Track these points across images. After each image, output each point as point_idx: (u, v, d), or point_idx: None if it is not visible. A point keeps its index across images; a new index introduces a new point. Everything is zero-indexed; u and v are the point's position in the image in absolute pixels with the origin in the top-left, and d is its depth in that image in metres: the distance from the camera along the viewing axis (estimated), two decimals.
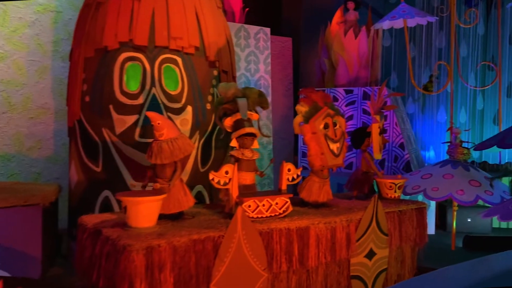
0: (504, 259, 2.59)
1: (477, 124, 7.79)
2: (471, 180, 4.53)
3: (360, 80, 6.59)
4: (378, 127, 4.22)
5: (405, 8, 5.93)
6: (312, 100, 3.86)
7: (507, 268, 2.51)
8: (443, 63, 6.34)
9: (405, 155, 6.04)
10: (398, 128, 6.12)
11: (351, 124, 6.29)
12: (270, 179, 6.75)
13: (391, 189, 4.29)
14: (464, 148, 4.84)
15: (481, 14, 7.77)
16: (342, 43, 6.61)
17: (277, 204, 3.43)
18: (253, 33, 6.50)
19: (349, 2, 6.66)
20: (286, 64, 7.23)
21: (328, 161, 3.85)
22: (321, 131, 3.81)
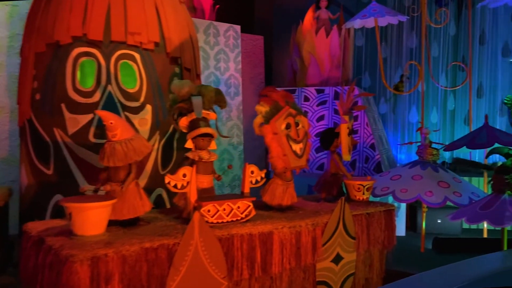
0: (473, 266, 2.50)
1: (448, 124, 7.81)
2: (440, 181, 4.47)
3: (331, 79, 6.49)
4: (347, 127, 4.11)
5: (376, 7, 5.85)
6: (273, 100, 3.71)
7: (476, 275, 2.42)
8: (414, 63, 6.29)
9: (376, 155, 5.97)
10: (369, 128, 6.05)
11: (322, 124, 6.19)
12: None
13: (359, 191, 4.19)
14: (433, 149, 4.78)
15: (452, 14, 7.80)
16: (313, 42, 6.51)
17: (239, 208, 3.27)
18: (223, 30, 6.33)
19: (322, 0, 6.56)
20: (257, 63, 7.09)
21: (291, 162, 3.71)
22: (282, 132, 3.67)
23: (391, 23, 6.33)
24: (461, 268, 2.36)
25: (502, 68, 7.35)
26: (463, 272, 2.33)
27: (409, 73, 6.24)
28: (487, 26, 7.51)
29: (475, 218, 3.36)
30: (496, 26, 7.55)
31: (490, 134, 5.17)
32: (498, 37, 7.49)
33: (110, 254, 2.52)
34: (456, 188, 4.42)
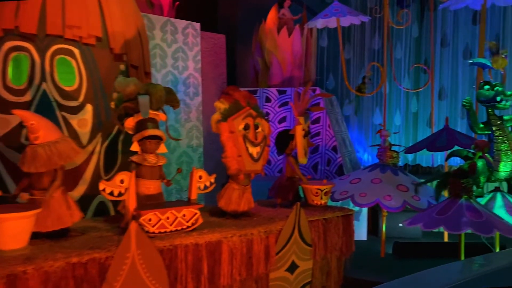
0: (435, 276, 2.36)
1: (412, 127, 7.81)
2: (399, 185, 4.38)
3: (294, 80, 6.35)
4: (302, 129, 3.95)
5: (338, 6, 5.75)
6: (234, 98, 3.52)
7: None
8: (376, 64, 6.22)
9: (338, 158, 5.85)
10: (331, 130, 5.93)
11: (284, 126, 6.02)
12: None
13: (317, 196, 4.03)
14: (393, 152, 4.69)
15: (415, 16, 7.81)
16: (275, 42, 6.35)
17: (184, 217, 3.03)
18: (181, 28, 6.06)
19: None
20: (219, 63, 6.85)
21: (245, 165, 3.52)
22: (240, 132, 3.49)
23: (353, 23, 6.25)
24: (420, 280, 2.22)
25: (463, 71, 7.40)
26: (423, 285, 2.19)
27: (371, 75, 6.17)
28: (448, 29, 7.54)
29: (431, 224, 3.25)
30: (457, 29, 7.60)
31: (450, 137, 5.16)
32: (460, 39, 7.55)
33: (30, 271, 2.24)
34: (413, 191, 4.33)
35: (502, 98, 4.13)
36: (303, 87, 6.28)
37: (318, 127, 5.94)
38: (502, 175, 4.33)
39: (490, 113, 4.32)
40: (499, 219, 3.38)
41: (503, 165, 4.28)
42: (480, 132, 4.39)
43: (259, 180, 5.54)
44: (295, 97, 3.98)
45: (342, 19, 6.13)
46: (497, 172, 4.31)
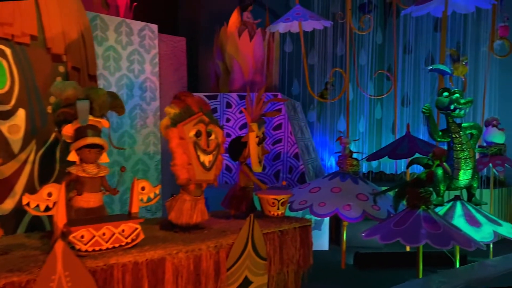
0: None
1: (376, 133, 7.77)
2: (359, 194, 4.25)
3: (255, 85, 6.17)
4: (255, 136, 3.76)
5: (300, 10, 5.62)
6: (186, 104, 3.31)
7: None
8: (339, 70, 6.12)
9: (300, 165, 5.70)
10: (293, 137, 5.77)
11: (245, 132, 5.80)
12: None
13: (273, 206, 3.84)
14: (353, 159, 4.56)
15: (378, 23, 7.80)
16: (236, 46, 6.16)
17: (123, 232, 2.77)
18: (137, 29, 5.80)
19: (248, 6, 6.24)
20: (179, 66, 6.61)
21: (196, 174, 3.29)
22: (190, 139, 3.27)
23: (316, 28, 6.13)
24: None
25: (425, 78, 7.43)
26: None
27: (333, 80, 6.06)
28: (411, 36, 7.56)
29: (388, 236, 3.11)
30: (420, 36, 7.63)
31: (411, 144, 5.09)
32: (422, 46, 7.58)
33: None
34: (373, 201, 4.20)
35: (456, 107, 4.07)
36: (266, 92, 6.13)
37: (279, 133, 5.78)
38: (462, 183, 4.27)
39: (449, 120, 4.25)
40: (457, 230, 3.28)
41: (462, 173, 4.22)
42: (439, 140, 4.32)
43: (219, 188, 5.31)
44: (247, 102, 3.79)
45: (304, 24, 6.02)
46: (457, 180, 4.24)
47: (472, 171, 4.24)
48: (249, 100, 3.84)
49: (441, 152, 3.51)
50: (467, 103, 4.09)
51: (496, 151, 4.76)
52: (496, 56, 6.22)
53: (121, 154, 5.61)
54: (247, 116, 3.79)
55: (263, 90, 3.94)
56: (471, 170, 4.22)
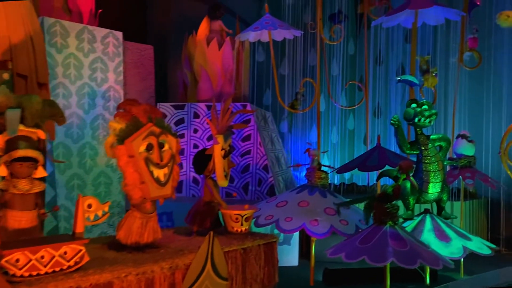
0: None
1: (348, 144, 7.69)
2: (327, 208, 4.10)
3: (224, 95, 6.00)
4: (221, 149, 3.58)
5: (269, 19, 5.50)
6: (132, 115, 3.09)
7: None
8: (310, 80, 6.02)
9: (269, 178, 5.54)
10: (263, 148, 5.61)
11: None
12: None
13: (237, 222, 3.66)
14: (322, 172, 4.42)
15: (350, 33, 7.77)
16: (205, 54, 6.00)
17: (65, 255, 2.54)
18: (100, 36, 5.56)
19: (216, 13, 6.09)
20: (146, 75, 6.39)
21: (150, 191, 3.09)
22: (141, 154, 3.05)
23: (286, 37, 6.02)
24: None
25: (396, 89, 7.41)
26: None
27: (304, 90, 5.94)
28: (383, 47, 7.55)
29: (354, 254, 2.96)
30: (391, 47, 7.62)
31: (381, 156, 4.98)
32: (393, 57, 7.57)
33: None
34: (343, 215, 4.07)
35: (420, 119, 3.99)
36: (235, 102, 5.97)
37: (248, 145, 5.61)
38: (431, 197, 4.19)
39: (418, 132, 4.17)
40: (424, 248, 3.16)
41: (432, 186, 4.13)
42: (408, 152, 4.23)
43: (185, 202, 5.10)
44: (212, 113, 3.61)
45: (275, 33, 5.89)
46: (426, 194, 4.15)
47: (442, 184, 4.15)
48: (215, 111, 3.67)
49: (407, 165, 3.41)
50: (431, 115, 4.01)
51: (466, 163, 4.70)
52: (466, 67, 6.23)
53: (82, 166, 5.33)
54: (212, 128, 3.62)
55: (230, 101, 3.78)
56: (441, 183, 4.13)
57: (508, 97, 6.58)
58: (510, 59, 6.64)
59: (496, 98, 6.70)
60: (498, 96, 6.67)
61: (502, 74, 6.73)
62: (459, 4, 6.30)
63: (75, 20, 5.71)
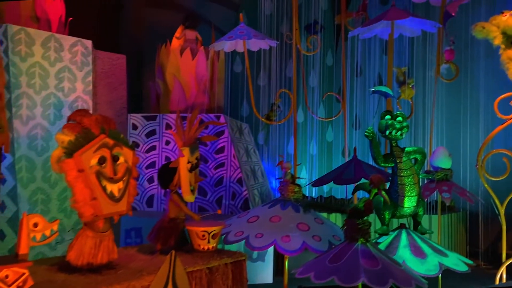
0: None
1: (327, 157, 7.57)
2: (299, 223, 3.93)
3: (198, 106, 5.82)
4: (187, 161, 3.41)
5: (244, 29, 5.37)
6: (82, 126, 2.89)
7: None
8: (286, 91, 5.89)
9: (244, 191, 5.36)
10: (237, 161, 5.44)
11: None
12: None
13: (203, 239, 3.48)
14: (295, 185, 4.25)
15: (328, 45, 7.71)
16: (178, 64, 5.84)
17: (6, 279, 2.32)
18: (68, 45, 5.37)
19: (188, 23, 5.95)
20: (117, 85, 6.20)
21: (103, 208, 2.89)
22: (92, 168, 2.86)
23: (262, 48, 5.90)
24: None
25: (374, 100, 7.34)
26: None
27: (280, 101, 5.81)
28: (362, 58, 7.51)
29: (323, 273, 2.80)
30: (370, 58, 7.58)
31: (357, 169, 4.85)
32: (372, 69, 7.52)
33: None
34: (316, 231, 3.90)
35: (391, 131, 3.88)
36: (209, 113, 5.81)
37: (222, 157, 5.44)
38: (407, 211, 4.05)
39: (393, 144, 4.05)
40: (396, 266, 3.01)
41: (407, 200, 3.99)
42: (382, 165, 4.11)
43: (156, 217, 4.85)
44: (177, 124, 3.44)
45: (251, 43, 5.77)
46: (402, 208, 4.02)
47: (417, 197, 4.03)
48: (180, 122, 3.50)
49: (378, 179, 3.28)
50: (402, 128, 3.90)
51: (443, 176, 4.58)
52: (443, 79, 6.19)
53: (46, 180, 5.09)
54: (177, 140, 3.45)
55: (197, 112, 3.61)
56: (416, 197, 4.01)
57: (485, 109, 6.56)
58: (486, 71, 6.65)
59: (473, 110, 6.68)
60: (475, 108, 6.65)
61: (479, 86, 6.72)
62: (436, 16, 6.29)
63: (44, 28, 5.51)
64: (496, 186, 5.08)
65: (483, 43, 6.58)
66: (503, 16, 4.66)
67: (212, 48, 5.60)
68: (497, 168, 5.05)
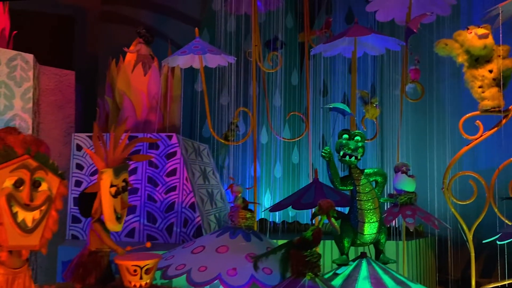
0: None
1: (292, 179, 7.23)
2: (249, 254, 3.53)
3: (150, 125, 5.44)
4: (109, 185, 3.00)
5: (198, 43, 5.08)
6: (4, 144, 2.53)
7: None
8: (245, 109, 5.58)
9: (197, 218, 4.93)
10: (189, 184, 5.03)
11: (133, 179, 4.99)
12: None
13: (135, 275, 3.03)
14: (247, 211, 3.86)
15: (293, 64, 7.50)
16: (128, 80, 5.46)
17: None
18: (6, 58, 4.94)
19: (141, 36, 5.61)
20: (64, 103, 5.75)
21: (9, 238, 2.47)
22: (3, 190, 2.48)
23: (221, 64, 5.61)
24: None
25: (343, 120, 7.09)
26: None
27: (238, 121, 5.48)
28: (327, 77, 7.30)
29: None
30: (335, 78, 7.38)
31: (317, 192, 4.52)
32: (337, 89, 7.31)
33: None
34: (267, 262, 3.49)
35: (345, 153, 3.57)
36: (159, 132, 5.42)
37: (174, 180, 5.02)
38: (368, 238, 3.71)
39: (352, 166, 3.73)
40: None
41: (368, 227, 3.66)
42: (340, 188, 3.78)
43: None
44: (95, 143, 3.05)
45: (208, 60, 5.49)
46: (362, 235, 3.68)
47: (378, 224, 3.69)
48: (100, 141, 3.10)
49: (327, 205, 2.93)
50: (356, 149, 3.59)
51: (406, 200, 4.28)
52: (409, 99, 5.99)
53: None
54: (95, 160, 3.04)
55: (123, 128, 3.23)
56: (377, 223, 3.67)
57: (452, 130, 6.37)
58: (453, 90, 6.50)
59: (440, 130, 6.49)
60: (442, 128, 6.46)
61: (445, 106, 6.56)
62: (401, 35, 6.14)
63: None
64: (465, 210, 4.81)
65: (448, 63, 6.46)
66: (468, 32, 4.47)
67: (166, 63, 5.27)
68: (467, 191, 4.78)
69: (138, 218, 4.95)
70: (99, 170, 3.02)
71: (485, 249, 5.45)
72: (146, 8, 7.25)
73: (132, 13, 7.15)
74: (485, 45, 4.19)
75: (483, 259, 6.43)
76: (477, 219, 4.50)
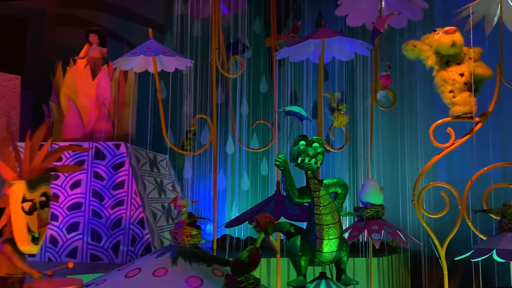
0: None
1: (261, 192, 6.83)
2: (190, 277, 3.09)
3: (98, 133, 5.00)
4: (20, 199, 2.55)
5: (151, 45, 4.69)
6: None
7: None
8: (204, 117, 5.18)
9: (146, 235, 4.47)
10: (138, 198, 4.58)
11: (78, 193, 4.53)
12: None
13: None
14: (192, 228, 3.43)
15: (262, 70, 7.17)
16: (74, 85, 5.03)
17: None
18: None
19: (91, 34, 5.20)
20: (8, 109, 5.29)
21: None
22: None
23: (179, 68, 5.23)
24: None
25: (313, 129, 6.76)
26: None
27: (195, 129, 5.08)
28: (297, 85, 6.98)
29: None
30: (306, 85, 7.06)
31: (278, 206, 4.14)
32: (308, 96, 6.99)
33: None
34: (212, 285, 3.07)
35: (303, 159, 3.20)
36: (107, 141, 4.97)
37: (121, 193, 4.57)
38: (327, 257, 3.30)
39: (309, 175, 3.34)
40: None
41: (327, 244, 3.25)
42: (297, 201, 3.38)
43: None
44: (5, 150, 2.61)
45: (165, 63, 5.10)
46: (321, 254, 3.27)
47: (339, 240, 3.30)
48: (9, 148, 2.66)
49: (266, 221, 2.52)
50: (316, 155, 3.22)
51: (373, 213, 3.93)
52: (380, 107, 5.68)
53: None
54: (3, 170, 2.60)
55: (41, 134, 2.80)
56: (337, 240, 3.27)
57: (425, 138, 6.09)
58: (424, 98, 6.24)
59: (413, 139, 6.20)
60: (415, 137, 6.18)
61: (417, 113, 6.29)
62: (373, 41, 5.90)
63: None
64: (439, 224, 4.48)
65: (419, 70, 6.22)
66: (436, 34, 4.19)
67: (117, 66, 4.86)
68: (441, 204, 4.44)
69: (81, 236, 4.47)
70: (7, 182, 2.58)
71: (461, 264, 5.12)
72: (105, 11, 6.87)
73: (90, 16, 6.76)
74: (454, 42, 3.90)
75: (459, 275, 6.10)
76: (450, 234, 4.16)
